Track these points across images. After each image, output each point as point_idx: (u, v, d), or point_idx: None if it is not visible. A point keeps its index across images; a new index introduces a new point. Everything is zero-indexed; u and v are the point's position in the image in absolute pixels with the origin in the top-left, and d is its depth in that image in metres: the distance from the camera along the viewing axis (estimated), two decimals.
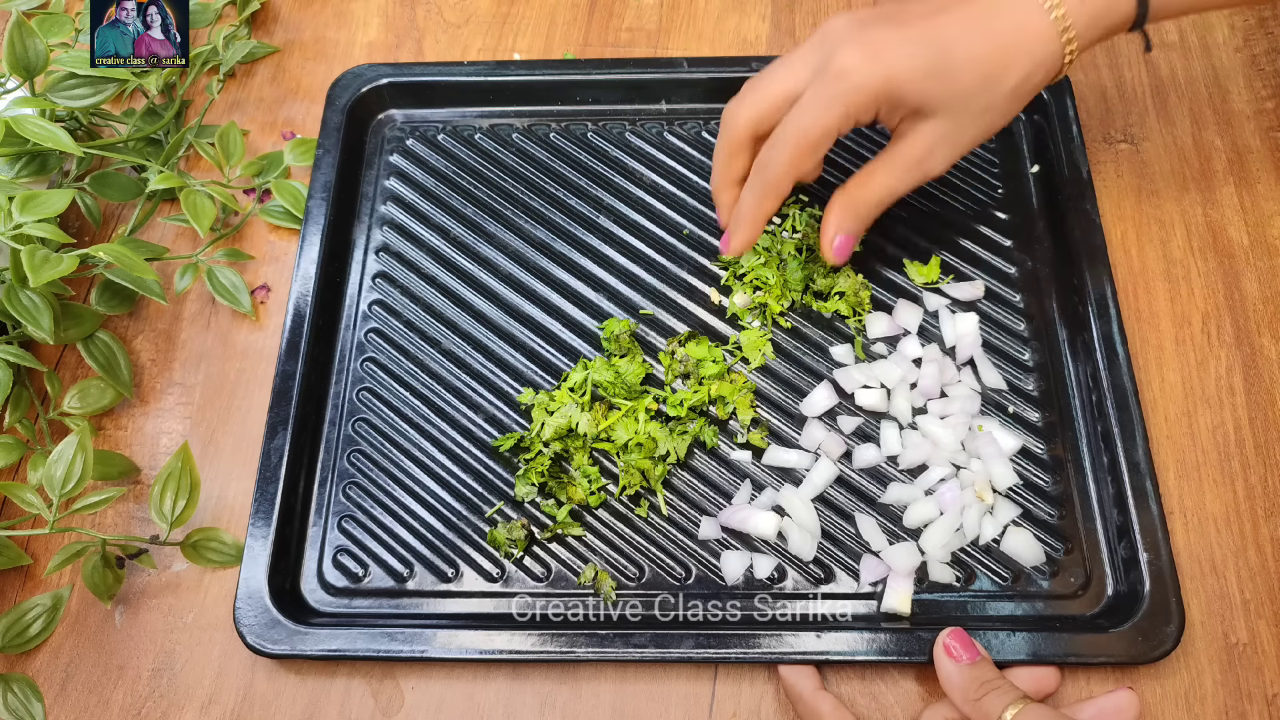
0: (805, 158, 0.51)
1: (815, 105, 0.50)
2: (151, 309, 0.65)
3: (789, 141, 0.51)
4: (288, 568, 0.55)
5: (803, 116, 0.50)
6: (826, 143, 0.51)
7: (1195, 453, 0.57)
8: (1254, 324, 0.60)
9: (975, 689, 0.47)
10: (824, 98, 0.49)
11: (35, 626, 0.54)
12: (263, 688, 0.53)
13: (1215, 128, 0.67)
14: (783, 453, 0.57)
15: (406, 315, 0.63)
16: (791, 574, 0.54)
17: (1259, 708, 0.51)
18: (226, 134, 0.66)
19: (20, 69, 0.59)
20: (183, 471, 0.54)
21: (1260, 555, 0.54)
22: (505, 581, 0.55)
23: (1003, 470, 0.55)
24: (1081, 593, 0.53)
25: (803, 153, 0.51)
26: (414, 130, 0.70)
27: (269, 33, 0.75)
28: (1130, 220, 0.64)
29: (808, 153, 0.51)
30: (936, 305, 0.61)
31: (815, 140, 0.50)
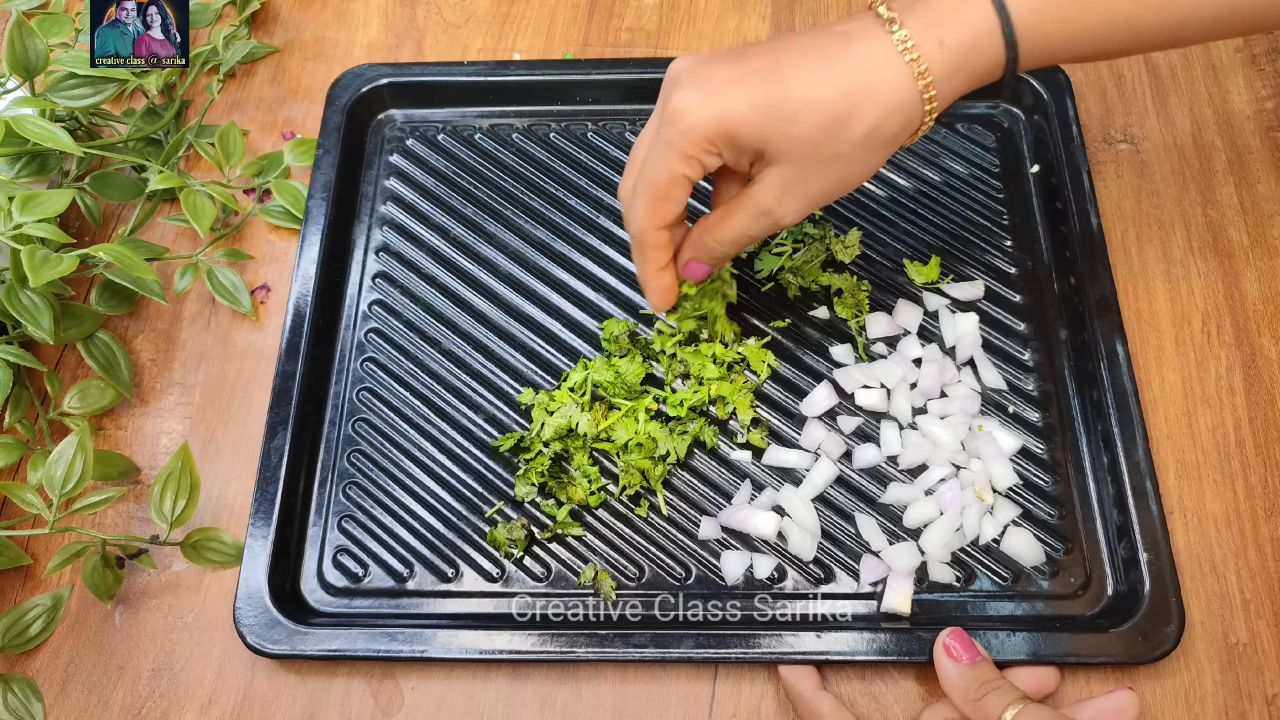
0: (660, 206, 0.49)
1: (655, 153, 0.48)
2: (151, 309, 0.65)
3: (640, 195, 0.49)
4: (288, 568, 0.55)
5: (647, 167, 0.48)
6: (676, 189, 0.48)
7: (1195, 453, 0.57)
8: (1254, 324, 0.60)
9: (975, 689, 0.47)
10: (661, 144, 0.47)
11: (35, 626, 0.54)
12: (263, 688, 0.53)
13: (1215, 128, 0.67)
14: (783, 453, 0.57)
15: (406, 315, 0.63)
16: (791, 574, 0.54)
17: (1259, 708, 0.51)
18: (226, 134, 0.66)
19: (20, 69, 0.59)
20: (183, 471, 0.54)
21: (1260, 555, 0.54)
22: (505, 581, 0.55)
23: (1003, 470, 0.55)
24: (1081, 593, 0.53)
25: (655, 202, 0.48)
26: (414, 130, 0.70)
27: (269, 33, 0.76)
28: (1130, 220, 0.64)
29: (660, 202, 0.48)
30: (936, 305, 0.61)
31: (662, 189, 0.48)
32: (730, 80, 0.46)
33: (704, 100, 0.46)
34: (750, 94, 0.45)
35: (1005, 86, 0.66)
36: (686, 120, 0.46)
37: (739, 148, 0.47)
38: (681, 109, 0.46)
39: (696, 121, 0.46)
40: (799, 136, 0.46)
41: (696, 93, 0.46)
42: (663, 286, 0.53)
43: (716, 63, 0.47)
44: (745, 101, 0.45)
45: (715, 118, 0.45)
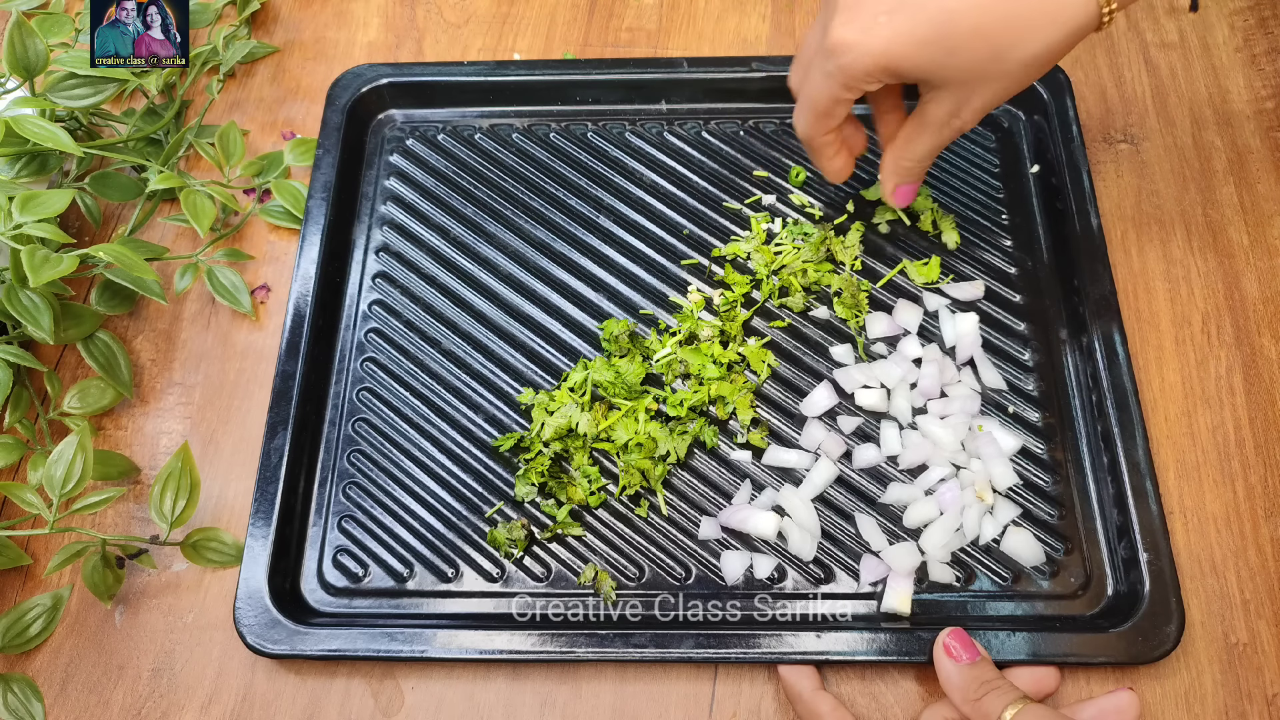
0: (823, 121, 0.51)
1: (816, 78, 0.49)
2: (151, 309, 0.65)
3: (804, 109, 0.52)
4: (288, 568, 0.55)
5: (809, 88, 0.51)
6: (839, 107, 0.50)
7: (1195, 453, 0.57)
8: (1254, 324, 0.60)
9: (975, 689, 0.47)
10: (821, 73, 0.49)
11: (35, 626, 0.54)
12: (263, 688, 0.53)
13: (1215, 128, 0.67)
14: (783, 453, 0.57)
15: (406, 315, 0.63)
16: (791, 574, 0.54)
17: (1259, 708, 0.51)
18: (226, 134, 0.66)
19: (20, 69, 0.59)
20: (183, 471, 0.54)
21: (1260, 555, 0.54)
22: (505, 581, 0.55)
23: (1003, 470, 0.55)
24: (1081, 593, 0.53)
25: (818, 118, 0.51)
26: (414, 130, 0.70)
27: (269, 33, 0.76)
28: (1130, 220, 0.64)
29: (823, 118, 0.51)
30: (936, 305, 0.61)
31: (824, 109, 0.50)
32: (889, 11, 0.45)
33: (862, 36, 0.46)
34: (910, 28, 0.45)
35: None
36: (845, 57, 0.46)
37: (901, 77, 0.48)
38: (840, 44, 0.46)
39: (855, 59, 0.46)
40: (962, 65, 0.46)
41: (855, 26, 0.46)
42: (836, 169, 0.56)
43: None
44: (905, 36, 0.45)
45: (875, 54, 0.46)
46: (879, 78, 0.48)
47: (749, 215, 0.65)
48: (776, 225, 0.64)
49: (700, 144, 0.68)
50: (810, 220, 0.65)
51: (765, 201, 0.65)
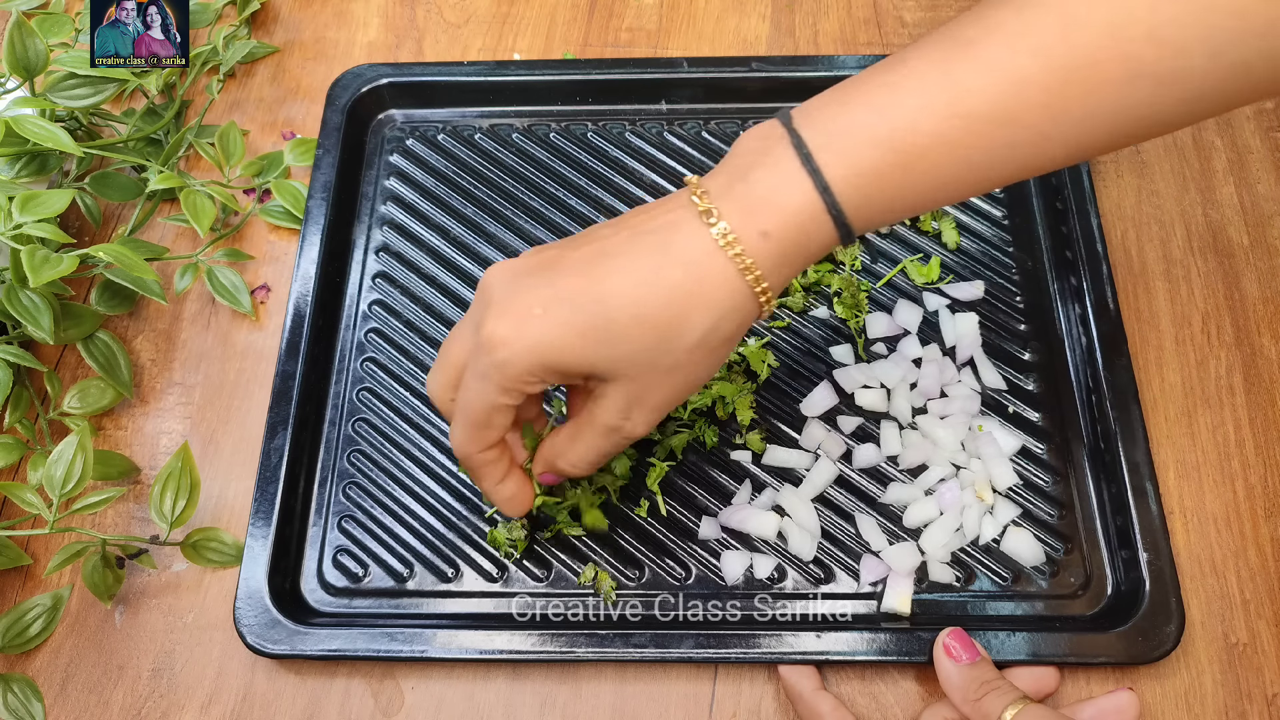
0: (482, 434, 0.45)
1: (471, 381, 0.44)
2: (151, 309, 0.65)
3: (460, 422, 0.45)
4: (288, 568, 0.55)
5: (464, 393, 0.45)
6: (497, 416, 0.44)
7: (1195, 453, 0.57)
8: (1254, 324, 0.60)
9: (975, 689, 0.47)
10: (478, 374, 0.43)
11: (35, 626, 0.54)
12: (263, 688, 0.53)
13: (1215, 128, 0.67)
14: (783, 453, 0.57)
15: (406, 315, 0.63)
16: (791, 574, 0.54)
17: (1259, 708, 0.51)
18: (226, 134, 0.66)
19: (20, 69, 0.59)
20: (183, 471, 0.54)
21: (1260, 555, 0.54)
22: (505, 581, 0.55)
23: (1003, 470, 0.55)
24: (1081, 593, 0.53)
25: (475, 429, 0.45)
26: (414, 130, 0.70)
27: (269, 33, 0.76)
28: (1130, 220, 0.64)
29: (481, 429, 0.45)
30: (936, 305, 0.61)
31: (481, 418, 0.44)
32: (544, 303, 0.42)
33: (517, 331, 0.41)
34: (567, 319, 0.41)
35: None
36: (500, 354, 0.42)
37: (565, 373, 0.43)
38: (494, 340, 0.42)
39: (511, 355, 0.42)
40: (627, 356, 0.42)
41: (508, 321, 0.42)
42: (508, 497, 0.49)
43: (528, 279, 0.43)
44: (562, 328, 0.41)
45: (531, 350, 0.41)
46: (540, 375, 0.42)
47: None
48: None
49: (700, 144, 0.68)
50: None
51: None
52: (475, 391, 0.44)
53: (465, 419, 0.45)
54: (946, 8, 0.73)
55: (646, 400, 0.44)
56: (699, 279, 0.41)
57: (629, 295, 0.41)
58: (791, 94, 0.67)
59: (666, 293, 0.41)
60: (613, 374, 0.43)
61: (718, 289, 0.42)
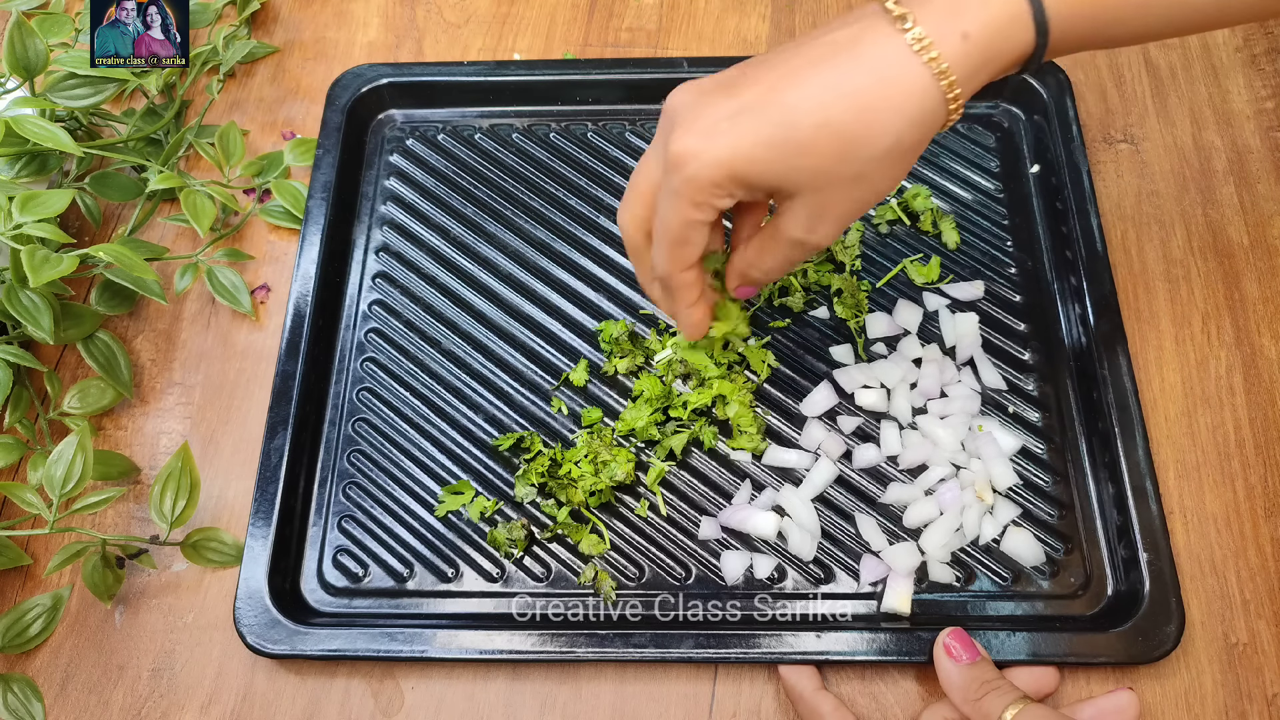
0: (681, 251, 0.45)
1: (665, 203, 0.44)
2: (151, 309, 0.65)
3: (660, 242, 0.46)
4: (288, 568, 0.55)
5: (661, 220, 0.45)
6: (693, 233, 0.45)
7: (1195, 453, 0.57)
8: (1254, 324, 0.60)
9: (975, 689, 0.47)
10: (669, 193, 0.43)
11: (35, 626, 0.54)
12: (263, 688, 0.53)
13: (1215, 128, 0.67)
14: (783, 453, 0.57)
15: (406, 315, 0.63)
16: (791, 574, 0.54)
17: (1259, 708, 0.51)
18: (226, 134, 0.66)
19: (20, 69, 0.59)
20: (183, 471, 0.54)
21: (1260, 555, 0.54)
22: (505, 581, 0.55)
23: (1003, 470, 0.55)
24: (1081, 593, 0.53)
25: (676, 247, 0.45)
26: (414, 130, 0.70)
27: (269, 33, 0.75)
28: (1130, 220, 0.64)
29: (681, 245, 0.45)
30: (936, 305, 0.61)
31: (678, 235, 0.45)
32: (730, 117, 0.42)
33: (705, 144, 0.42)
34: (753, 131, 0.41)
35: (1007, 86, 0.66)
36: (690, 168, 0.42)
37: (751, 186, 0.43)
38: (684, 155, 0.42)
39: (700, 169, 0.42)
40: (813, 167, 0.42)
41: (696, 136, 0.42)
42: (695, 320, 0.50)
43: (714, 95, 0.43)
44: (749, 140, 0.41)
45: (719, 163, 0.42)
46: (729, 189, 0.43)
47: None
48: None
49: None
50: None
51: None
52: (669, 209, 0.44)
53: (664, 239, 0.45)
54: None
55: (830, 212, 0.44)
56: (888, 85, 0.41)
57: (814, 103, 0.41)
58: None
59: (853, 100, 0.41)
60: (798, 187, 0.43)
61: (908, 95, 0.41)
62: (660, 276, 0.48)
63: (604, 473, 0.56)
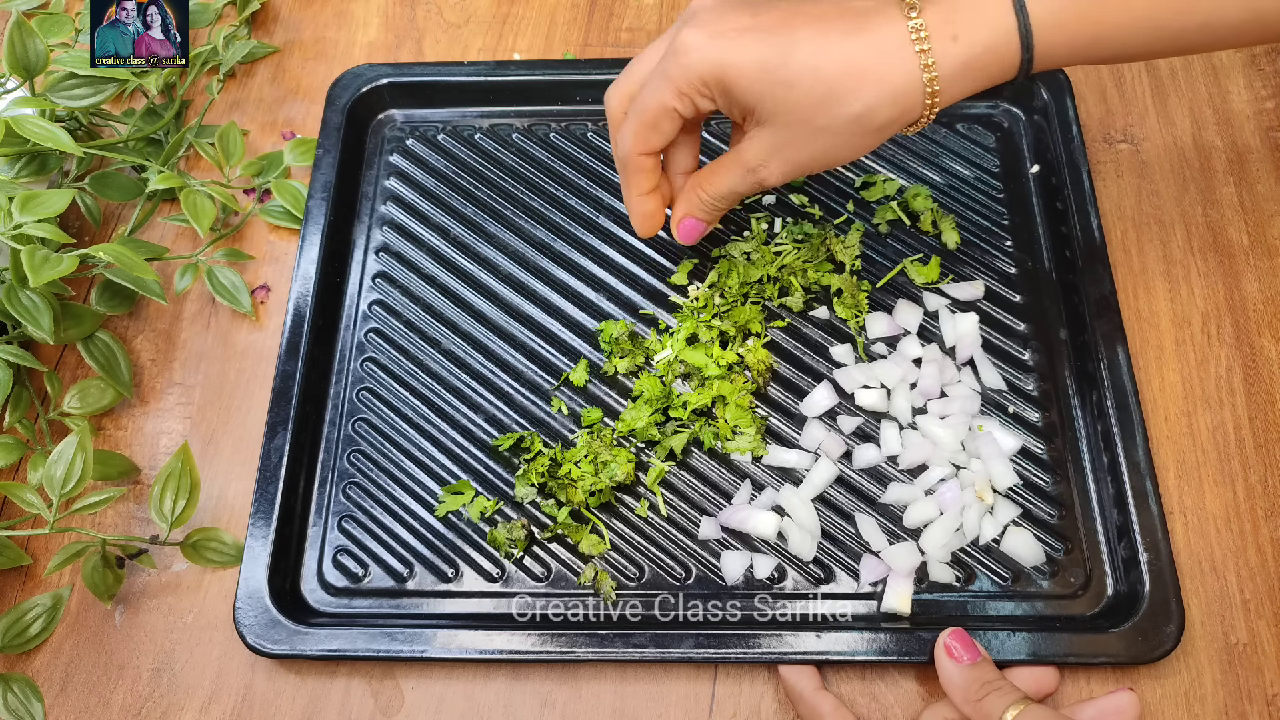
0: (647, 134, 0.50)
1: (652, 81, 0.48)
2: (151, 309, 0.65)
3: (631, 118, 0.50)
4: (288, 568, 0.55)
5: (643, 93, 0.49)
6: (665, 120, 0.49)
7: (1195, 453, 0.57)
8: (1254, 324, 0.60)
9: (976, 689, 0.47)
10: (659, 74, 0.48)
11: (35, 626, 0.54)
12: (263, 688, 0.53)
13: (1215, 128, 0.67)
14: (783, 453, 0.57)
15: (406, 315, 0.63)
16: (791, 574, 0.54)
17: (1259, 708, 0.51)
18: (226, 134, 0.66)
19: (20, 69, 0.59)
20: (183, 471, 0.54)
21: (1260, 555, 0.54)
22: (505, 581, 0.55)
23: (1003, 470, 0.55)
24: (1081, 593, 0.53)
25: (644, 129, 0.49)
26: (414, 130, 0.70)
27: (269, 33, 0.76)
28: (1130, 220, 0.64)
29: (648, 129, 0.49)
30: (936, 305, 0.61)
31: (652, 117, 0.49)
32: (740, 29, 0.46)
33: (708, 42, 0.46)
34: (755, 47, 0.45)
35: (1006, 87, 0.66)
36: (687, 58, 0.46)
37: (731, 98, 0.47)
38: (686, 45, 0.46)
39: (696, 61, 0.46)
40: (792, 101, 0.46)
41: (704, 33, 0.46)
42: (646, 211, 0.54)
43: (734, 9, 0.47)
44: (747, 53, 0.45)
45: (715, 61, 0.46)
46: (712, 91, 0.47)
47: (748, 215, 0.65)
48: (776, 225, 0.64)
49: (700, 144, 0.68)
50: (810, 220, 0.64)
51: (765, 201, 0.65)
52: (653, 90, 0.48)
53: (637, 118, 0.49)
54: None
55: (788, 152, 0.48)
56: (882, 60, 0.45)
57: (815, 48, 0.45)
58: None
59: (848, 59, 0.45)
60: (770, 116, 0.47)
61: (894, 74, 0.45)
62: (621, 155, 0.51)
63: (604, 473, 0.56)
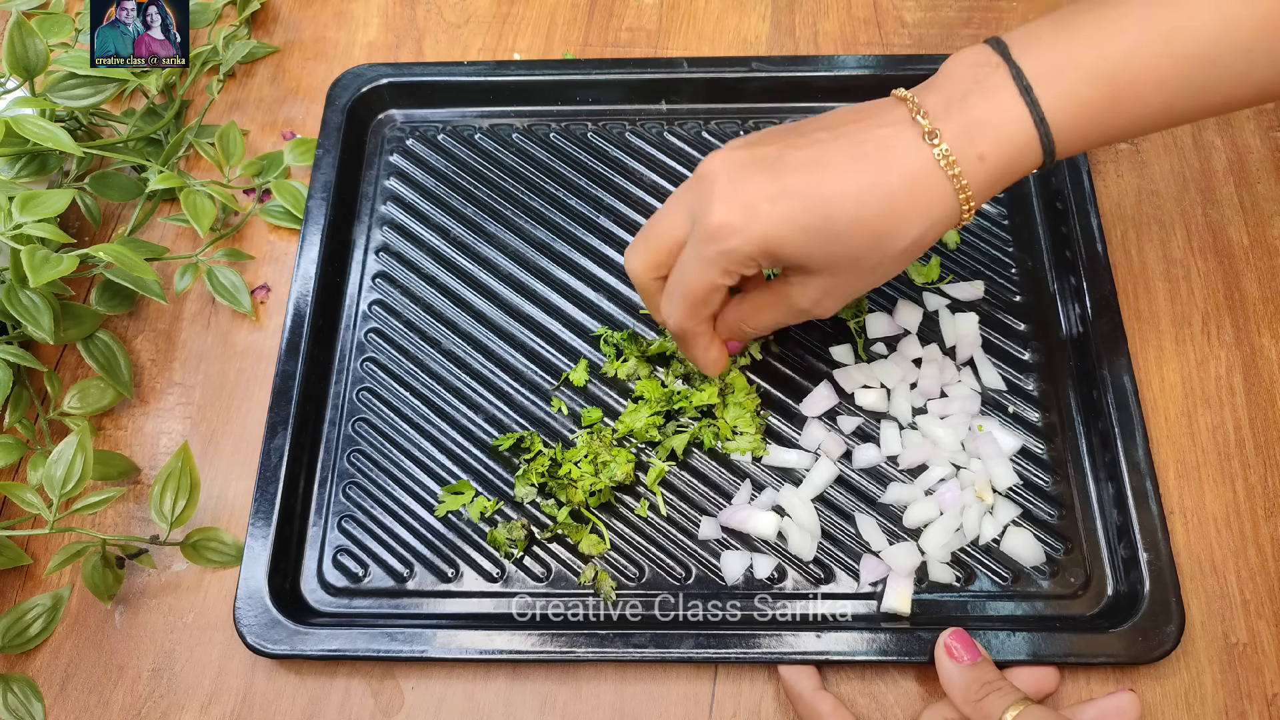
0: (699, 309, 0.50)
1: (694, 264, 0.48)
2: (151, 309, 0.65)
3: (678, 299, 0.50)
4: (288, 568, 0.55)
5: (685, 275, 0.48)
6: (715, 296, 0.49)
7: (1195, 453, 0.57)
8: (1254, 324, 0.60)
9: (976, 690, 0.47)
10: (702, 258, 0.47)
11: (35, 626, 0.54)
12: (263, 688, 0.53)
13: (1215, 128, 0.67)
14: (783, 453, 0.57)
15: (406, 315, 0.63)
16: (791, 574, 0.54)
17: (1259, 708, 0.51)
18: (226, 134, 0.66)
19: (20, 69, 0.59)
20: (183, 471, 0.54)
21: (1260, 555, 0.54)
22: (505, 581, 0.55)
23: (1003, 470, 0.55)
24: (1081, 593, 0.53)
25: (694, 307, 0.49)
26: (414, 130, 0.70)
27: (269, 33, 0.76)
28: (1130, 220, 0.64)
29: (699, 306, 0.49)
30: (936, 305, 0.61)
31: (702, 297, 0.49)
32: (771, 198, 0.45)
33: (747, 222, 0.45)
34: (793, 216, 0.45)
35: None
36: (730, 242, 0.46)
37: (780, 262, 0.47)
38: (725, 229, 0.45)
39: (740, 244, 0.45)
40: (841, 254, 0.46)
41: (739, 212, 0.45)
42: (712, 359, 0.54)
43: (754, 172, 0.46)
44: (788, 223, 0.45)
45: (758, 239, 0.45)
46: (760, 262, 0.47)
47: None
48: None
49: (700, 144, 0.68)
50: None
51: None
52: (697, 273, 0.48)
53: (685, 297, 0.49)
54: (946, 8, 0.73)
55: (840, 291, 0.49)
56: (917, 191, 0.45)
57: (852, 199, 0.45)
58: (791, 94, 0.67)
59: (886, 202, 0.45)
60: (821, 268, 0.47)
61: (932, 202, 0.45)
62: (674, 328, 0.51)
63: (604, 473, 0.56)
